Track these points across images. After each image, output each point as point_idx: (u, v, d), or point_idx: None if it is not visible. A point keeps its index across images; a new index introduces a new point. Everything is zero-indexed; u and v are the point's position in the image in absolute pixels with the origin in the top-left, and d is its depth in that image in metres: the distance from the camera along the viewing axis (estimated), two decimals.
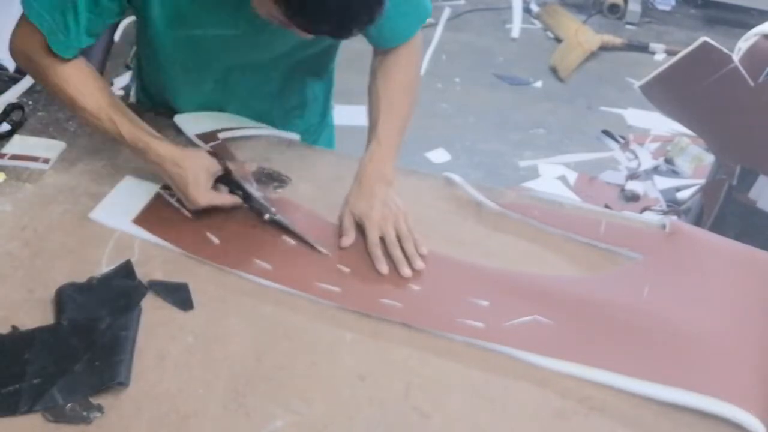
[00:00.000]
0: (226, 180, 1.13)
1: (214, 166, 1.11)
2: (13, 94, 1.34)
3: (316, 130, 1.44)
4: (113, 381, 0.87)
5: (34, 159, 1.20)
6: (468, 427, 0.89)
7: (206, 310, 0.99)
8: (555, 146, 3.04)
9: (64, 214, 1.11)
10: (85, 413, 0.85)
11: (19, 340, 0.92)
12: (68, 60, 1.10)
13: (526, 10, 4.04)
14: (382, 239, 1.09)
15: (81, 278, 1.00)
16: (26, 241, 1.06)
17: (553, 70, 3.52)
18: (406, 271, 1.06)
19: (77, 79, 1.11)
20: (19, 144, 1.23)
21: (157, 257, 1.06)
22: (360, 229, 1.11)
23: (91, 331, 0.92)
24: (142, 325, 0.95)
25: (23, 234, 1.07)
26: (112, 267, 1.03)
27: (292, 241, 1.10)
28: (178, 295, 1.00)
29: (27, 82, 1.37)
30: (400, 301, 1.02)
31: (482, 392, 0.93)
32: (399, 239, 1.09)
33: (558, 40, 3.76)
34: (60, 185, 1.16)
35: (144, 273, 1.02)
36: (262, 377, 0.91)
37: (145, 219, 1.11)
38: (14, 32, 1.11)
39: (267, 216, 1.11)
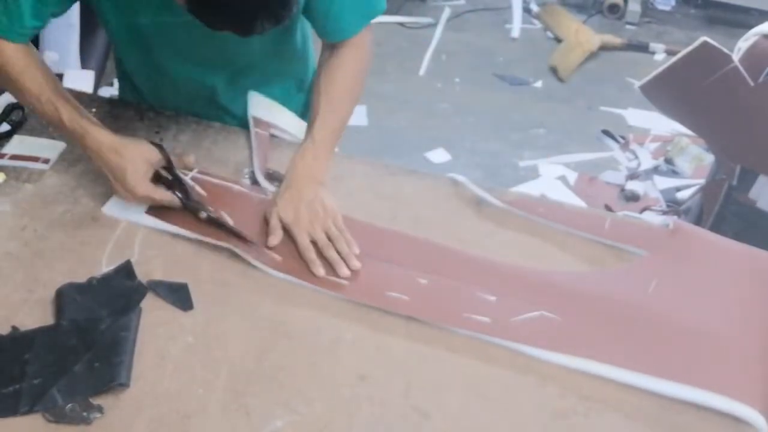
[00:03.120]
0: (167, 171, 1.11)
1: (155, 157, 1.09)
2: None
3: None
4: (113, 382, 0.87)
5: (34, 159, 1.20)
6: (468, 427, 0.89)
7: (206, 310, 0.99)
8: (555, 146, 3.03)
9: (64, 214, 1.11)
10: (85, 413, 0.84)
11: (19, 340, 0.92)
12: (14, 43, 1.09)
13: (526, 10, 4.04)
14: (315, 243, 1.07)
15: (81, 278, 1.00)
16: (26, 241, 1.06)
17: (553, 70, 3.52)
18: (345, 271, 1.04)
19: (23, 62, 1.10)
20: (19, 144, 1.23)
21: (157, 257, 1.05)
22: (289, 234, 1.09)
23: (91, 332, 0.92)
24: (142, 325, 0.95)
25: (23, 234, 1.07)
26: (112, 267, 1.03)
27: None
28: (178, 295, 1.00)
29: None
30: (407, 294, 1.02)
31: (482, 392, 0.93)
32: (331, 241, 1.07)
33: (558, 40, 3.76)
34: (60, 185, 1.16)
35: (144, 273, 1.02)
36: (262, 377, 0.91)
37: (159, 209, 1.11)
38: None
39: (204, 215, 1.09)
